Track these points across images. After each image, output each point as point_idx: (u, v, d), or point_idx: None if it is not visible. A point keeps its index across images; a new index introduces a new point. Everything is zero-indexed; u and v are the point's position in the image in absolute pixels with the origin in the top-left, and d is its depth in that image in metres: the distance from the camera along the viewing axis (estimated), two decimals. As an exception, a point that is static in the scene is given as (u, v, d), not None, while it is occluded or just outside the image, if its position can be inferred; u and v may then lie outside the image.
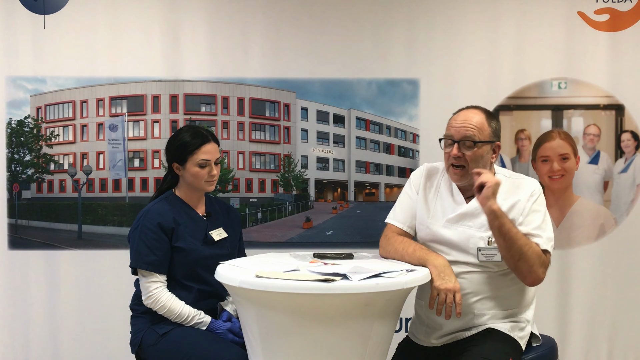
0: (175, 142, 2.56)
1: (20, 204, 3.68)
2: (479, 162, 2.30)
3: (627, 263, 3.69)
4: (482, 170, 2.21)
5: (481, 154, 2.31)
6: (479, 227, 2.31)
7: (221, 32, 3.64)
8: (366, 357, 2.13)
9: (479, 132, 2.30)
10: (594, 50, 3.65)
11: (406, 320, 3.60)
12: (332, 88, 3.71)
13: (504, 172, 2.43)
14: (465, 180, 2.33)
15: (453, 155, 2.30)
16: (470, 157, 2.29)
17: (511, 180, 2.38)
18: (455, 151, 2.30)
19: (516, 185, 2.36)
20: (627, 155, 3.72)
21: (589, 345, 3.71)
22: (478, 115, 2.34)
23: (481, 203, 2.18)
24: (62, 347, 3.64)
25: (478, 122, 2.31)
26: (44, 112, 3.68)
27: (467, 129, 2.30)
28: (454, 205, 2.38)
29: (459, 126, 2.31)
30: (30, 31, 3.58)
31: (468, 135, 2.29)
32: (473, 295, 2.32)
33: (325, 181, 3.82)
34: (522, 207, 2.29)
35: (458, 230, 2.34)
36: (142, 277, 2.49)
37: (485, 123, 2.33)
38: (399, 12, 3.65)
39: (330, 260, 2.38)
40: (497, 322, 2.32)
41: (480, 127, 2.31)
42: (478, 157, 2.30)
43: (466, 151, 2.29)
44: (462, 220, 2.35)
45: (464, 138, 2.29)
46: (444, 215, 2.39)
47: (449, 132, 2.34)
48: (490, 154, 2.35)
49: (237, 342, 2.43)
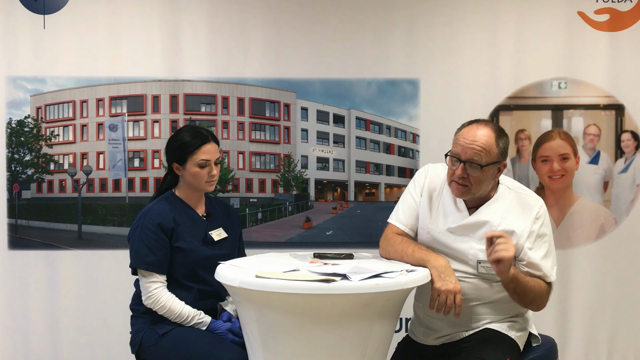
0: (175, 142, 2.56)
1: (20, 204, 3.68)
2: (482, 185, 2.26)
3: (627, 263, 3.69)
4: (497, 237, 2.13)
5: (485, 177, 2.26)
6: (480, 239, 2.28)
7: (221, 32, 3.64)
8: (366, 357, 2.13)
9: (486, 155, 2.22)
10: (594, 50, 3.65)
11: (406, 320, 3.60)
12: (332, 88, 3.71)
13: (508, 183, 2.38)
14: (466, 196, 2.30)
15: (458, 176, 2.25)
16: (474, 179, 2.24)
17: (515, 193, 2.35)
18: (460, 172, 2.23)
19: (521, 201, 2.32)
20: (627, 155, 3.72)
21: (589, 345, 3.71)
22: (487, 135, 2.24)
23: (498, 273, 2.17)
24: (62, 347, 3.64)
25: (486, 144, 2.22)
26: (44, 112, 3.68)
27: (475, 151, 2.22)
28: (457, 213, 2.35)
29: (467, 146, 2.23)
30: (30, 31, 3.58)
31: (475, 159, 2.22)
32: (472, 301, 2.32)
33: (325, 181, 3.82)
34: (528, 229, 2.27)
35: (458, 239, 2.32)
36: (142, 277, 2.49)
37: (494, 144, 2.24)
38: (399, 12, 3.65)
39: (330, 260, 2.38)
40: (494, 323, 2.33)
41: (488, 149, 2.22)
42: (482, 181, 2.25)
43: (472, 172, 2.23)
44: (463, 231, 2.32)
45: (471, 160, 2.22)
46: (446, 222, 2.36)
47: (456, 149, 2.25)
48: (495, 172, 2.30)
49: (237, 342, 2.43)
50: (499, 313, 2.34)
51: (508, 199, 2.31)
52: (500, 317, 2.34)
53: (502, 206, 2.30)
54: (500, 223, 2.28)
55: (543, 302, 2.29)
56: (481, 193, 2.30)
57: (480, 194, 2.30)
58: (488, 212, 2.31)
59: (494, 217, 2.29)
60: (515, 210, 2.30)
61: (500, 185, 2.36)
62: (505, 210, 2.28)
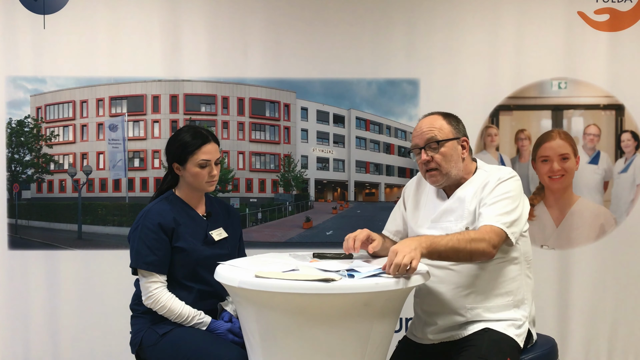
0: (175, 142, 2.56)
1: (20, 204, 3.68)
2: (449, 161, 2.36)
3: (627, 263, 3.69)
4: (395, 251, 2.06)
5: (448, 152, 2.36)
6: (457, 219, 2.35)
7: (221, 32, 3.64)
8: (366, 357, 2.13)
9: (439, 132, 2.37)
10: (594, 50, 3.65)
11: (406, 320, 3.60)
12: (332, 88, 3.71)
13: (485, 167, 2.46)
14: (443, 181, 2.38)
15: (423, 161, 2.37)
16: (439, 158, 2.35)
17: (489, 172, 2.41)
18: (424, 156, 2.36)
19: (487, 175, 2.38)
20: (627, 155, 3.72)
21: (589, 345, 3.71)
22: (434, 118, 2.42)
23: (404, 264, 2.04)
24: (62, 347, 3.64)
25: (434, 124, 2.39)
26: (44, 112, 3.68)
27: (426, 132, 2.38)
28: (438, 203, 2.44)
29: (420, 133, 2.40)
30: (30, 31, 3.58)
31: (429, 137, 2.37)
32: (463, 289, 2.33)
33: (325, 181, 3.82)
34: (480, 194, 2.32)
35: (441, 228, 2.37)
36: (142, 277, 2.49)
37: (444, 122, 2.40)
38: (399, 13, 3.66)
39: (329, 260, 2.38)
40: (493, 322, 2.32)
41: (439, 127, 2.38)
42: (446, 156, 2.36)
43: (433, 153, 2.36)
44: (443, 217, 2.39)
45: (427, 141, 2.37)
46: (429, 215, 2.44)
47: (414, 142, 2.42)
48: (459, 150, 2.39)
49: (237, 342, 2.43)
50: (493, 302, 2.33)
51: (481, 178, 2.38)
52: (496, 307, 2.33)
53: (475, 185, 2.37)
54: (472, 200, 2.33)
55: (478, 247, 2.15)
56: (455, 173, 2.38)
57: (454, 174, 2.37)
58: (462, 193, 2.38)
59: (466, 195, 2.35)
60: (482, 185, 2.35)
61: (479, 169, 2.44)
62: (479, 188, 2.34)
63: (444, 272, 2.36)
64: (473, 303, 2.34)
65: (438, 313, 2.38)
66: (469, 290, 2.34)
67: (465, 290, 2.34)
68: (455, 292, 2.34)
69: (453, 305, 2.35)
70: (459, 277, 2.34)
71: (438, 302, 2.37)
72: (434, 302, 2.39)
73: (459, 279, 2.34)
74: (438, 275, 2.36)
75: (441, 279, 2.37)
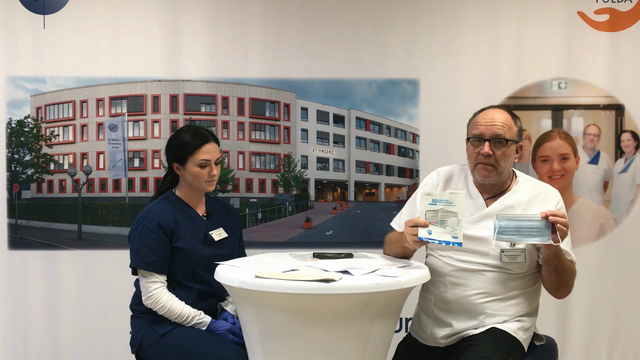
0: (175, 142, 2.56)
1: (20, 204, 3.68)
2: (507, 162, 2.31)
3: (627, 263, 3.69)
4: (555, 212, 2.13)
5: (509, 153, 2.31)
6: None
7: (221, 32, 3.64)
8: (366, 357, 2.13)
9: (509, 131, 2.30)
10: (594, 50, 3.65)
11: (406, 320, 3.60)
12: (332, 88, 3.71)
13: (525, 176, 2.44)
14: (493, 178, 2.32)
15: (484, 153, 2.27)
16: (500, 155, 2.29)
17: (533, 184, 2.40)
18: (487, 149, 2.27)
19: (540, 192, 2.37)
20: (627, 155, 3.72)
21: (589, 345, 3.71)
22: (504, 114, 2.33)
23: (555, 242, 2.11)
24: (62, 347, 3.64)
25: (506, 121, 2.31)
26: (44, 112, 3.68)
27: (497, 127, 2.28)
28: (475, 206, 2.36)
29: (489, 124, 2.29)
30: (30, 31, 3.58)
31: (499, 133, 2.28)
32: (487, 296, 2.30)
33: (325, 181, 3.82)
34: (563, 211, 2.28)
35: (478, 231, 2.31)
36: (142, 277, 2.49)
37: (512, 122, 2.33)
38: (399, 12, 3.65)
39: (329, 260, 2.38)
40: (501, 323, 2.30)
41: (509, 125, 2.31)
42: (507, 156, 2.30)
43: (497, 149, 2.28)
44: (482, 222, 2.32)
45: (495, 136, 2.28)
46: None
47: (478, 130, 2.31)
48: (514, 154, 2.35)
49: (237, 342, 2.43)
50: (512, 311, 2.32)
51: (528, 189, 2.36)
52: (511, 315, 2.32)
53: (523, 196, 2.34)
54: (524, 211, 2.29)
55: (573, 284, 2.30)
56: (505, 175, 2.34)
57: (504, 175, 2.34)
58: (511, 200, 2.34)
59: (518, 205, 2.32)
60: (537, 199, 2.33)
61: (519, 177, 2.41)
62: (527, 200, 2.32)
63: (472, 275, 2.31)
64: (495, 310, 2.30)
65: (455, 315, 2.33)
66: (495, 298, 2.31)
67: (490, 297, 2.31)
68: (479, 297, 2.30)
69: (474, 309, 2.30)
70: (487, 284, 2.30)
71: (458, 304, 2.32)
72: (453, 304, 2.33)
73: (487, 286, 2.30)
74: (465, 278, 2.31)
75: (467, 282, 2.31)
